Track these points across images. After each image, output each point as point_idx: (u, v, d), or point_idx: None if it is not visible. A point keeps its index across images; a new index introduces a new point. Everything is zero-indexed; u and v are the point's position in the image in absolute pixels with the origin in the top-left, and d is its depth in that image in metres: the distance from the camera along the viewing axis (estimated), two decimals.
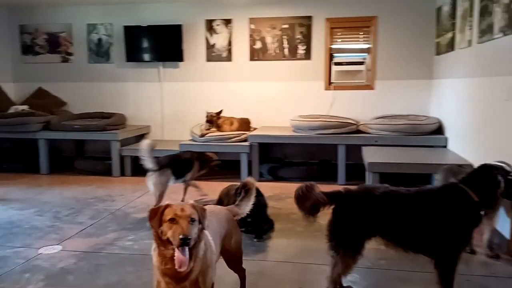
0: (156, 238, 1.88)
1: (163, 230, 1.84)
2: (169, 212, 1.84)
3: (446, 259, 2.37)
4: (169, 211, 1.85)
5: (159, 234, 1.86)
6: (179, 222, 1.81)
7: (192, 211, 1.86)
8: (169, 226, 1.82)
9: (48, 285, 2.87)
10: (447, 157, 4.74)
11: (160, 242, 1.87)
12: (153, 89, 6.88)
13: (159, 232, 1.85)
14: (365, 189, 2.52)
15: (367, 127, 5.73)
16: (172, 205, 1.88)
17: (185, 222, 1.80)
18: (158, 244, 1.88)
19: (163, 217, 1.85)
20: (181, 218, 1.82)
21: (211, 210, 2.39)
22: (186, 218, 1.82)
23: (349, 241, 2.44)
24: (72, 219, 4.25)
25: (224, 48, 6.58)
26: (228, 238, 2.33)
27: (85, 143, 7.10)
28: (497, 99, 3.67)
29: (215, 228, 2.20)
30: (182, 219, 1.81)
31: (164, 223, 1.84)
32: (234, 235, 2.39)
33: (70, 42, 7.04)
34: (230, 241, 2.35)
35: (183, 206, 1.87)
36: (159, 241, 1.87)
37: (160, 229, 1.85)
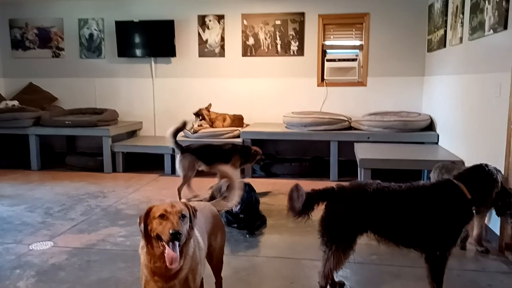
0: (144, 236, 1.85)
1: (152, 227, 1.81)
2: (158, 209, 1.82)
3: (437, 254, 2.40)
4: (157, 208, 1.82)
5: (148, 232, 1.82)
6: (169, 218, 1.79)
7: (182, 207, 1.85)
8: (159, 222, 1.79)
9: (39, 281, 2.85)
10: (438, 154, 4.78)
11: (149, 240, 1.83)
12: (145, 85, 6.84)
13: (149, 230, 1.82)
14: (357, 185, 2.53)
15: (359, 124, 5.76)
16: (161, 204, 1.85)
17: (175, 218, 1.78)
18: (146, 242, 1.84)
19: (152, 214, 1.83)
20: (171, 214, 1.79)
21: (196, 206, 2.39)
22: (176, 214, 1.80)
23: (341, 236, 2.45)
24: (63, 215, 4.22)
25: (216, 44, 6.56)
26: (214, 234, 2.31)
27: (77, 139, 7.05)
28: (487, 96, 3.70)
29: (201, 224, 2.18)
30: (173, 215, 1.79)
31: (153, 220, 1.81)
32: (219, 232, 2.36)
33: (61, 37, 6.98)
34: (216, 237, 2.33)
35: (173, 202, 1.85)
36: (147, 239, 1.84)
37: (150, 226, 1.82)
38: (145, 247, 1.86)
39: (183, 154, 4.68)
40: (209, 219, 2.30)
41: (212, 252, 2.32)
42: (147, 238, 1.85)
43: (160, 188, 5.28)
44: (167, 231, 1.75)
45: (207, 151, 4.82)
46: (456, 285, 2.76)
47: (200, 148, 4.84)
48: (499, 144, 3.36)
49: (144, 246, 1.87)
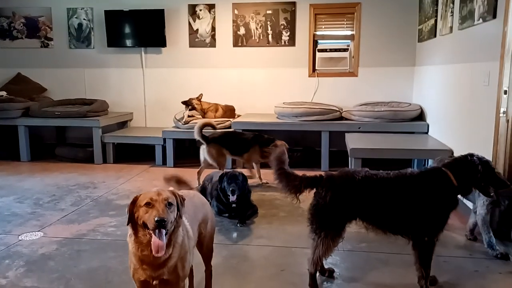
0: (131, 224, 1.84)
1: (139, 215, 1.80)
2: (144, 197, 1.81)
3: (424, 240, 2.42)
4: (144, 196, 1.81)
5: (135, 220, 1.81)
6: (155, 205, 1.77)
7: (169, 195, 1.83)
8: (145, 210, 1.78)
9: (29, 271, 2.84)
10: (428, 143, 4.82)
11: (135, 228, 1.83)
12: (135, 75, 6.79)
13: (135, 218, 1.81)
14: (346, 173, 2.54)
15: (350, 114, 5.77)
16: (148, 192, 1.84)
17: (161, 205, 1.77)
18: (133, 230, 1.84)
19: (138, 202, 1.81)
20: (157, 202, 1.78)
21: (185, 194, 2.38)
22: (162, 202, 1.78)
23: (330, 224, 2.46)
24: (53, 206, 4.20)
25: (207, 33, 6.52)
26: (204, 223, 2.31)
27: (67, 130, 6.99)
28: (476, 85, 3.73)
29: (191, 212, 2.17)
30: (159, 203, 1.78)
31: (140, 208, 1.80)
32: (209, 220, 2.36)
33: (49, 27, 6.88)
34: (206, 226, 2.32)
35: (159, 190, 1.83)
36: (134, 227, 1.83)
37: (136, 214, 1.81)
38: (132, 236, 1.85)
39: (209, 144, 4.78)
40: (199, 208, 2.30)
41: (202, 240, 2.32)
42: (134, 227, 1.83)
43: (151, 178, 5.27)
44: (152, 218, 1.74)
45: (230, 139, 4.91)
46: (443, 270, 2.80)
47: (223, 136, 4.93)
48: (488, 133, 3.39)
49: (131, 234, 1.86)
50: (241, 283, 2.71)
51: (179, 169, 5.76)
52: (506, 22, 3.12)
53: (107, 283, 2.69)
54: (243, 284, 2.70)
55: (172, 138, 5.88)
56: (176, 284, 1.92)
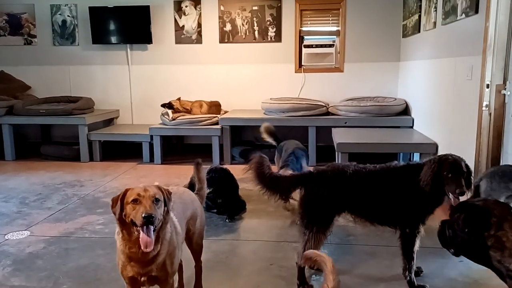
0: (119, 222, 1.83)
1: (126, 212, 1.79)
2: (131, 193, 1.80)
3: (406, 231, 2.48)
4: (131, 193, 1.81)
5: (123, 217, 1.81)
6: (142, 202, 1.77)
7: (156, 191, 1.82)
8: (132, 207, 1.78)
9: (16, 270, 2.82)
10: (412, 137, 4.89)
11: (123, 225, 1.83)
12: (121, 72, 6.73)
13: (123, 215, 1.81)
14: (337, 167, 2.57)
15: (337, 109, 5.82)
16: (134, 188, 1.84)
17: (148, 202, 1.77)
18: (121, 227, 1.83)
19: (126, 199, 1.81)
20: (144, 198, 1.78)
21: (174, 191, 2.39)
22: (149, 198, 1.78)
23: (321, 217, 2.49)
24: (39, 205, 4.16)
25: (193, 30, 6.49)
26: (193, 219, 2.31)
27: (52, 128, 6.91)
28: (459, 79, 3.79)
29: (179, 209, 2.18)
30: (146, 199, 1.77)
31: (127, 205, 1.79)
32: (199, 217, 2.37)
33: (32, 24, 6.78)
34: (195, 222, 2.33)
35: (146, 187, 1.83)
36: (122, 225, 1.83)
37: (124, 212, 1.80)
38: (120, 233, 1.85)
39: (279, 146, 4.66)
40: (188, 204, 2.30)
41: (192, 236, 2.33)
42: (122, 223, 1.83)
43: (139, 176, 5.25)
44: (139, 215, 1.74)
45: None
46: (428, 261, 2.86)
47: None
48: (471, 126, 3.46)
49: (119, 232, 1.86)
50: (231, 278, 2.73)
51: (166, 166, 5.75)
52: (488, 17, 3.18)
53: (96, 281, 2.69)
54: (233, 279, 2.72)
55: (159, 135, 5.86)
56: (165, 280, 1.93)
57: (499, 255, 1.54)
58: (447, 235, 1.74)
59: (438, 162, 2.36)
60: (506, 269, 1.53)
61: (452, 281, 2.65)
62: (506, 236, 1.52)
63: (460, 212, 1.69)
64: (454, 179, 2.30)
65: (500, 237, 1.53)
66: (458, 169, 2.33)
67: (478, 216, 1.61)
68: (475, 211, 1.64)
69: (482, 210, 1.63)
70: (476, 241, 1.59)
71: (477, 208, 1.65)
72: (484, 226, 1.57)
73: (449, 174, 2.31)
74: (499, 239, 1.53)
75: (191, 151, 6.50)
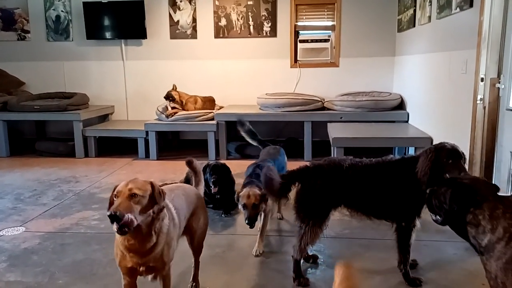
0: None
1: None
2: (116, 190, 1.83)
3: (402, 225, 2.49)
4: (116, 189, 1.83)
5: None
6: (118, 198, 1.78)
7: (136, 186, 1.81)
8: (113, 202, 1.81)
9: (12, 266, 2.81)
10: (408, 131, 4.91)
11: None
12: (115, 68, 6.70)
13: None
14: (333, 161, 2.58)
15: (332, 104, 5.83)
16: (121, 183, 1.84)
17: (121, 199, 1.77)
18: None
19: (113, 195, 1.84)
20: (120, 194, 1.79)
21: (181, 186, 2.40)
22: (124, 195, 1.78)
23: (318, 211, 2.50)
24: (35, 201, 4.14)
25: (188, 25, 6.46)
26: (196, 216, 2.34)
27: (46, 124, 6.88)
28: (454, 73, 3.81)
29: (183, 202, 2.20)
30: (121, 195, 1.78)
31: (113, 199, 1.83)
32: (202, 215, 2.40)
33: (26, 19, 6.73)
34: (198, 220, 2.36)
35: (130, 181, 1.83)
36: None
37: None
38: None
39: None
40: (192, 200, 2.33)
41: (193, 234, 2.35)
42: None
43: (134, 171, 5.23)
44: (108, 210, 1.77)
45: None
46: (424, 254, 2.88)
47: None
48: (465, 120, 3.47)
49: None
50: (227, 272, 2.74)
51: (162, 161, 5.74)
52: (482, 10, 3.19)
53: (92, 275, 2.68)
54: (229, 273, 2.73)
55: (154, 130, 5.84)
56: (162, 269, 1.99)
57: (474, 231, 1.65)
58: (433, 204, 1.83)
59: (435, 151, 2.37)
60: (479, 245, 1.65)
61: (447, 273, 2.67)
62: (483, 215, 1.62)
63: (448, 187, 1.76)
64: (455, 164, 2.31)
65: (477, 215, 1.64)
66: (457, 154, 2.35)
67: (464, 193, 1.70)
68: (462, 188, 1.72)
69: (468, 188, 1.71)
70: (458, 216, 1.70)
71: (464, 186, 1.72)
72: (468, 203, 1.67)
73: (450, 160, 2.32)
74: (476, 216, 1.64)
75: (187, 147, 6.50)
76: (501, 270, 1.53)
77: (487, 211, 1.61)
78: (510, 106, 3.09)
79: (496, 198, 1.66)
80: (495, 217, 1.59)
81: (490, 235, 1.58)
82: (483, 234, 1.61)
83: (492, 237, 1.58)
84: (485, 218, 1.61)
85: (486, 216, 1.61)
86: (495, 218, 1.59)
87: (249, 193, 2.94)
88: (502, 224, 1.57)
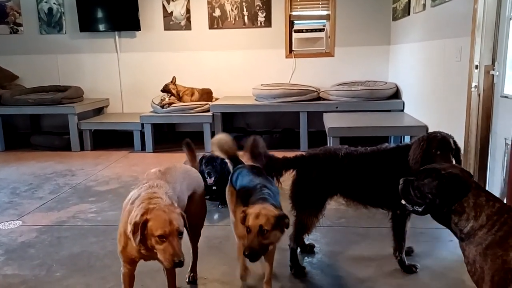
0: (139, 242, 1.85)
1: (151, 244, 1.81)
2: (156, 227, 1.78)
3: (397, 212, 2.50)
4: (155, 225, 1.79)
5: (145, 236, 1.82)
6: (169, 239, 1.77)
7: (179, 223, 1.82)
8: (158, 241, 1.79)
9: (9, 259, 2.81)
10: (403, 120, 4.92)
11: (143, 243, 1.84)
12: (109, 60, 6.65)
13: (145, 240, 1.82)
14: (329, 150, 2.58)
15: (328, 94, 5.82)
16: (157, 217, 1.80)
17: (175, 240, 1.78)
18: (140, 243, 1.83)
19: (149, 230, 1.80)
20: (171, 235, 1.77)
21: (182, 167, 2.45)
22: (175, 235, 1.78)
23: (314, 200, 2.51)
24: (31, 195, 4.13)
25: (182, 16, 6.42)
26: (194, 200, 2.37)
27: (41, 118, 6.84)
28: (449, 61, 3.80)
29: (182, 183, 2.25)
30: (172, 236, 1.77)
31: (151, 237, 1.79)
32: (200, 200, 2.44)
33: (18, 12, 6.65)
34: (195, 204, 2.39)
35: (170, 217, 1.81)
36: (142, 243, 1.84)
37: (148, 242, 1.81)
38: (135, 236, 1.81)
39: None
40: (193, 180, 2.38)
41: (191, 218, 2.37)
42: (142, 242, 1.83)
43: (130, 164, 5.23)
44: (169, 257, 1.76)
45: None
46: (419, 241, 2.90)
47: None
48: (460, 107, 3.47)
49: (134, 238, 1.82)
50: (224, 262, 2.75)
51: (158, 154, 5.74)
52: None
53: (89, 268, 2.69)
54: (226, 263, 2.74)
55: (150, 123, 5.82)
56: None
57: (457, 219, 1.66)
58: (412, 194, 1.79)
59: (427, 140, 2.37)
60: (460, 232, 1.66)
61: (443, 260, 2.69)
62: (467, 202, 1.64)
63: (433, 178, 1.72)
64: (442, 156, 2.32)
65: (463, 202, 1.65)
66: (447, 146, 2.35)
67: (456, 185, 1.67)
68: (453, 180, 1.68)
69: (459, 179, 1.69)
70: (444, 206, 1.69)
71: (454, 177, 1.69)
72: (460, 194, 1.66)
73: (438, 151, 2.33)
74: (461, 204, 1.65)
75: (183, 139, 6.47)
76: (480, 255, 1.56)
77: (472, 198, 1.64)
78: (505, 93, 3.09)
79: (477, 185, 1.69)
80: (479, 205, 1.62)
81: (473, 222, 1.61)
82: (466, 221, 1.63)
83: (475, 224, 1.60)
84: (469, 205, 1.63)
85: (470, 203, 1.63)
86: (479, 206, 1.62)
87: (260, 211, 1.97)
88: (486, 212, 1.60)
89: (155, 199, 1.92)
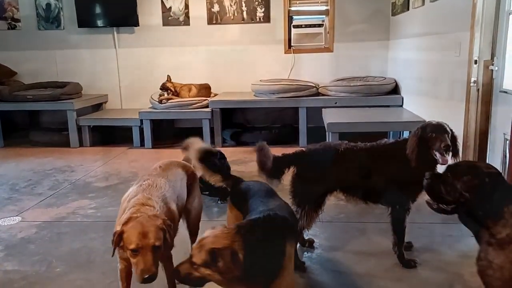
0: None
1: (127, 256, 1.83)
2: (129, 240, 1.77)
3: (396, 208, 2.51)
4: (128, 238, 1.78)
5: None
6: (141, 253, 1.74)
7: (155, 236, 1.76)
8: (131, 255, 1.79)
9: (9, 255, 2.82)
10: (402, 116, 4.92)
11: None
12: (108, 56, 6.63)
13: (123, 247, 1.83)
14: (329, 146, 2.59)
15: (327, 90, 5.81)
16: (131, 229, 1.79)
17: (147, 255, 1.74)
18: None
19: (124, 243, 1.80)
20: (143, 249, 1.74)
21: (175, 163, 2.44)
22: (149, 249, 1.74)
23: (312, 196, 2.51)
24: (30, 191, 4.13)
25: (180, 11, 6.39)
26: (191, 196, 2.40)
27: (40, 114, 6.83)
28: (448, 56, 3.80)
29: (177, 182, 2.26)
30: (145, 250, 1.73)
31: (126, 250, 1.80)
32: (196, 195, 2.47)
33: (15, 8, 6.63)
34: (193, 200, 2.42)
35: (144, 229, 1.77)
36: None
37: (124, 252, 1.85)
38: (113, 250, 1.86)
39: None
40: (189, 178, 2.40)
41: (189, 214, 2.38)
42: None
43: (129, 160, 5.23)
44: (139, 272, 1.72)
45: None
46: (419, 236, 2.90)
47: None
48: (459, 102, 3.48)
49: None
50: None
51: (157, 150, 5.74)
52: None
53: (89, 263, 2.70)
54: None
55: (149, 119, 5.82)
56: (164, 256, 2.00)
57: (492, 224, 1.54)
58: (443, 191, 1.65)
59: (421, 127, 2.40)
60: (491, 236, 1.54)
61: (442, 254, 2.70)
62: (508, 207, 1.52)
63: (472, 176, 1.59)
64: (437, 137, 2.33)
65: (503, 208, 1.53)
66: (441, 128, 2.37)
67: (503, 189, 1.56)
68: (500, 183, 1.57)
69: (503, 180, 1.57)
70: (482, 209, 1.56)
71: (503, 182, 1.58)
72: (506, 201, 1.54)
73: (433, 134, 2.35)
74: (501, 209, 1.53)
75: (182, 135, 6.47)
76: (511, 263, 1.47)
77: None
78: (504, 88, 3.10)
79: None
80: None
81: (510, 230, 1.50)
82: (503, 227, 1.51)
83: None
84: (509, 211, 1.51)
85: (511, 209, 1.51)
86: None
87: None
88: None
89: (146, 206, 1.89)
